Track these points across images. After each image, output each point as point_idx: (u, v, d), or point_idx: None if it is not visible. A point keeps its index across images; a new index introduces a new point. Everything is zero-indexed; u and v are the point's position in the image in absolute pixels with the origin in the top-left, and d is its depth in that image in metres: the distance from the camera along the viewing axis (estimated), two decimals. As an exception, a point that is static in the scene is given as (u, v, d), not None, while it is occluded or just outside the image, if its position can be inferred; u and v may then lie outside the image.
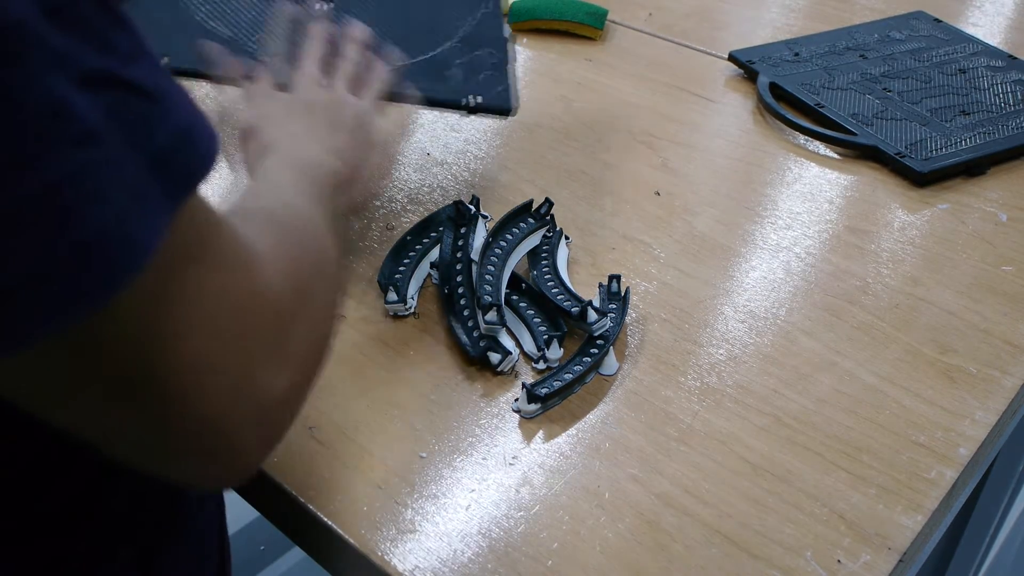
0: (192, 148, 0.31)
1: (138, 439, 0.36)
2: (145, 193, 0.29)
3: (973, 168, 0.89)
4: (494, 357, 0.64)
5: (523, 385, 0.61)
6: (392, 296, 0.68)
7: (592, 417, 0.62)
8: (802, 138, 0.94)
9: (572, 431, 0.61)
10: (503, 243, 0.72)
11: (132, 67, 0.29)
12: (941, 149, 0.89)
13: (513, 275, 0.71)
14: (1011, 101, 0.98)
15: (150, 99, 0.30)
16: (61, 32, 0.27)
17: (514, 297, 0.70)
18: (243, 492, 0.61)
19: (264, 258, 0.38)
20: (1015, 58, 1.07)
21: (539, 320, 0.68)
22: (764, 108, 0.97)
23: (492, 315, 0.65)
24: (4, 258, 0.27)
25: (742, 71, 1.05)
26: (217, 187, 0.71)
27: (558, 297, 0.68)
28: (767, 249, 0.78)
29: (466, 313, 0.67)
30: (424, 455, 0.59)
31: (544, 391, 0.61)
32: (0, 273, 0.27)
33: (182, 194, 0.31)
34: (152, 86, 0.30)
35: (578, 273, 0.74)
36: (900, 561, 0.54)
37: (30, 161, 0.26)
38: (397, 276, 0.71)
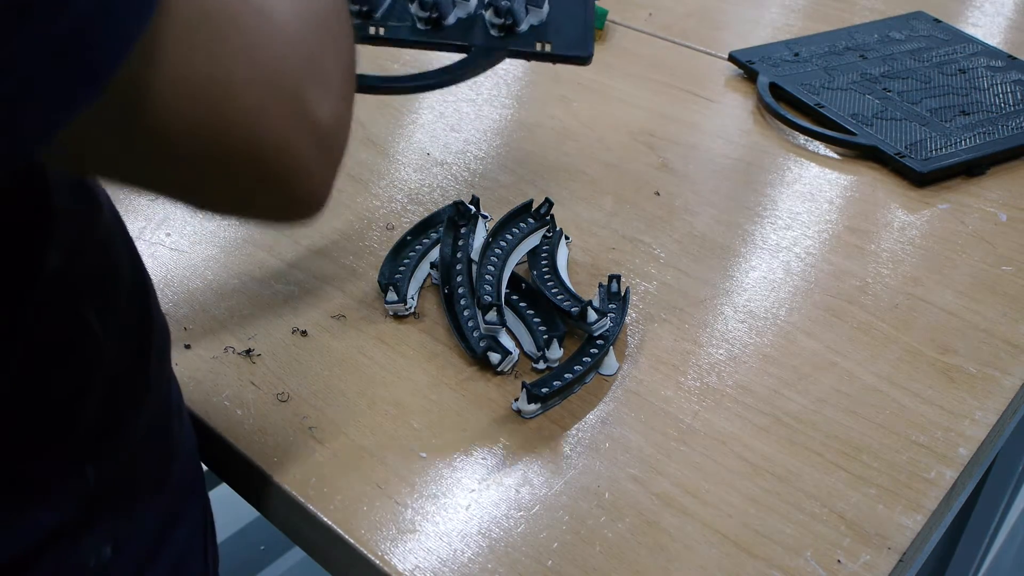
0: None
1: (214, 184, 0.38)
2: None
3: (973, 168, 0.89)
4: (494, 357, 0.64)
5: (523, 385, 0.61)
6: (392, 296, 0.68)
7: (592, 417, 0.62)
8: (802, 138, 0.94)
9: (572, 431, 0.61)
10: (503, 243, 0.72)
11: None
12: (941, 149, 0.89)
13: (513, 275, 0.71)
14: (1011, 101, 0.98)
15: None
16: None
17: (514, 297, 0.70)
18: (243, 492, 0.61)
19: (281, 5, 0.39)
20: (1015, 58, 1.07)
21: (539, 320, 0.68)
22: (764, 108, 0.97)
23: (492, 315, 0.65)
24: (10, 59, 0.27)
25: (742, 71, 1.05)
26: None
27: (558, 297, 0.68)
28: (767, 249, 0.78)
29: (466, 313, 0.67)
30: (424, 455, 0.59)
31: (544, 391, 0.61)
32: (9, 73, 0.27)
33: None
34: None
35: (578, 273, 0.74)
36: (900, 561, 0.54)
37: None
38: (397, 276, 0.71)
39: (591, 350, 0.65)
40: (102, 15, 0.29)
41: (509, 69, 1.04)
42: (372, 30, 0.63)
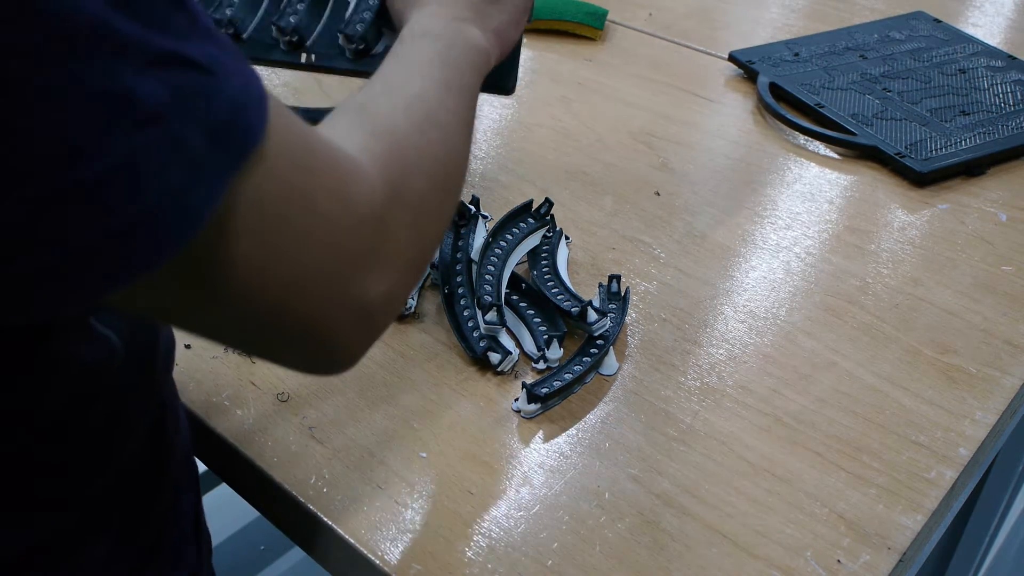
0: (246, 114, 0.33)
1: (246, 340, 0.40)
2: (203, 164, 0.31)
3: (973, 168, 0.89)
4: (494, 357, 0.64)
5: (523, 385, 0.61)
6: (392, 296, 0.68)
7: (592, 417, 0.62)
8: (802, 138, 0.94)
9: (572, 431, 0.61)
10: (503, 243, 0.72)
11: (189, 43, 0.31)
12: (941, 149, 0.89)
13: (513, 275, 0.71)
14: (1011, 101, 0.98)
15: (206, 72, 0.32)
16: (128, 20, 0.29)
17: (514, 297, 0.70)
18: (243, 492, 0.61)
19: (366, 170, 0.40)
20: (1015, 58, 1.07)
21: (539, 320, 0.68)
22: (764, 108, 0.97)
23: (492, 315, 0.65)
24: (73, 230, 0.30)
25: (742, 71, 1.05)
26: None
27: (558, 297, 0.68)
28: (767, 249, 0.78)
29: (466, 313, 0.67)
30: (424, 455, 0.59)
31: (544, 391, 0.61)
32: (66, 244, 0.30)
33: (239, 158, 0.33)
34: (207, 60, 0.32)
35: (578, 273, 0.74)
36: (900, 561, 0.54)
37: (99, 146, 0.29)
38: (397, 276, 0.70)
39: (591, 350, 0.65)
40: (169, 206, 0.31)
41: (509, 69, 1.04)
42: (304, 58, 0.69)
